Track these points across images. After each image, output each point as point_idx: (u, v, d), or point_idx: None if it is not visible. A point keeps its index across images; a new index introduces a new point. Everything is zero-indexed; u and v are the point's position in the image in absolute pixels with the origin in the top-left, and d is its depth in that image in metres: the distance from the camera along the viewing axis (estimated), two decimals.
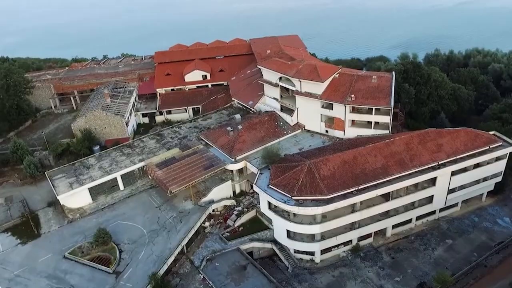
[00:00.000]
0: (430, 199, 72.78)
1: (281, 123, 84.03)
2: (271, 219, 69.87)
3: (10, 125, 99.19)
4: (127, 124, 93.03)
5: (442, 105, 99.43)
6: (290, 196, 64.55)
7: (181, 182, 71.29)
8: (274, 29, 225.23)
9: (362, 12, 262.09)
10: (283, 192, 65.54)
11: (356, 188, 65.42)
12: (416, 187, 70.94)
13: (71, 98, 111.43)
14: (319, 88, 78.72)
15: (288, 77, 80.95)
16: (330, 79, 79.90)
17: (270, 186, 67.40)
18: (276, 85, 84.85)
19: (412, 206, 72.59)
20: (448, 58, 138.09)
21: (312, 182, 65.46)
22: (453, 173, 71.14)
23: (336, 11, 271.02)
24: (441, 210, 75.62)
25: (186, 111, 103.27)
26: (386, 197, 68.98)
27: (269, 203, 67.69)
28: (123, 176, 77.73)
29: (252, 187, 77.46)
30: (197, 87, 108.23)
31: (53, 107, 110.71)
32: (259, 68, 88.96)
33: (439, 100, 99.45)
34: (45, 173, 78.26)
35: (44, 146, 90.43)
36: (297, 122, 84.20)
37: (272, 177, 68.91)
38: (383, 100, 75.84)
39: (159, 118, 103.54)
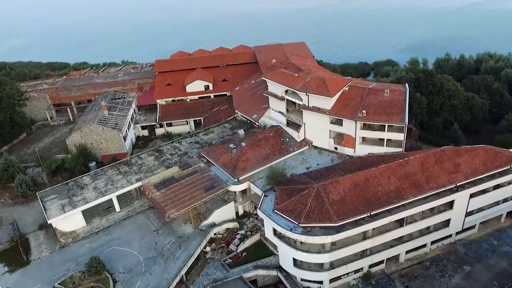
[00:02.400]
0: (446, 223, 67.70)
1: (287, 139, 79.19)
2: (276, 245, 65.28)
3: (3, 139, 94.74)
4: (125, 138, 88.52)
5: (455, 115, 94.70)
6: (297, 223, 59.71)
7: (180, 205, 66.58)
8: (279, 32, 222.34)
9: (369, 14, 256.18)
10: (289, 218, 60.66)
11: (368, 214, 60.45)
12: (432, 210, 65.88)
13: (68, 109, 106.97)
14: (327, 102, 73.83)
15: (295, 91, 76.16)
16: (340, 93, 75.07)
17: (275, 211, 62.58)
18: (282, 99, 79.99)
19: (427, 230, 67.59)
20: (459, 63, 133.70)
21: (321, 208, 60.61)
22: (472, 195, 66.11)
23: (342, 13, 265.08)
24: (457, 233, 70.46)
25: (187, 123, 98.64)
26: (400, 222, 63.96)
27: (274, 229, 63.02)
28: (119, 197, 73.17)
29: (256, 208, 72.98)
30: (199, 98, 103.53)
31: (49, 119, 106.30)
32: (264, 80, 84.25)
33: (452, 110, 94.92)
34: (37, 193, 73.74)
35: (37, 162, 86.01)
36: (304, 138, 79.37)
37: (277, 201, 64.06)
38: (396, 116, 70.83)
39: (159, 131, 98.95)
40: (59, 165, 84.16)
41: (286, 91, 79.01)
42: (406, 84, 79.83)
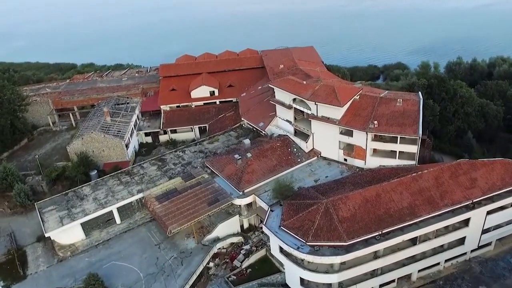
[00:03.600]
0: (461, 241, 64.30)
1: (295, 149, 76.11)
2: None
3: (3, 146, 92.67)
4: (127, 146, 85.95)
5: (468, 123, 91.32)
6: (304, 241, 56.72)
7: (182, 220, 63.77)
8: (286, 33, 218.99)
9: (378, 15, 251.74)
10: (296, 236, 57.69)
11: (380, 232, 57.23)
12: (447, 228, 62.43)
13: (70, 114, 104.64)
14: (337, 112, 70.64)
15: (303, 99, 73.11)
16: (350, 102, 71.88)
17: (281, 227, 59.68)
18: (289, 107, 76.95)
19: (441, 248, 64.25)
20: (471, 67, 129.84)
21: (330, 225, 57.54)
22: (489, 212, 62.67)
23: (350, 14, 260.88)
24: (472, 250, 67.05)
25: (192, 130, 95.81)
26: (413, 240, 60.63)
27: (281, 247, 60.02)
28: (119, 209, 70.49)
29: (262, 222, 70.13)
30: (204, 104, 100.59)
31: (51, 124, 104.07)
32: (271, 87, 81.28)
33: (465, 118, 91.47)
34: (35, 204, 71.33)
35: (37, 170, 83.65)
36: (313, 149, 76.25)
37: (284, 216, 61.07)
38: (409, 128, 67.49)
39: (163, 138, 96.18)
40: (60, 173, 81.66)
41: (294, 99, 75.99)
42: (420, 93, 76.44)
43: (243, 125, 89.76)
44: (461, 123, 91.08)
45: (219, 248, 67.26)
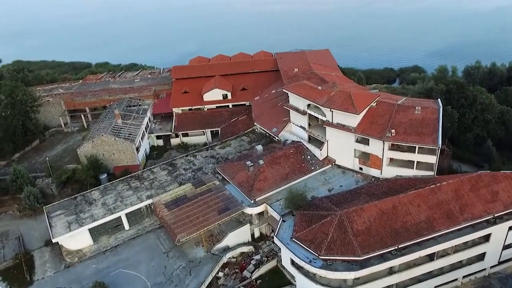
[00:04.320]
0: (481, 256, 61.50)
1: (308, 157, 73.95)
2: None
3: (15, 147, 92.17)
4: (138, 149, 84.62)
5: (488, 131, 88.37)
6: (317, 255, 54.66)
7: (191, 229, 62.15)
8: (301, 34, 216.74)
9: (394, 17, 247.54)
10: (308, 249, 55.67)
11: (396, 247, 54.95)
12: (466, 243, 59.78)
13: (82, 116, 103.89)
14: (353, 120, 68.33)
15: (318, 106, 70.94)
16: (367, 109, 69.48)
17: (293, 239, 57.72)
18: (303, 113, 74.85)
19: (459, 263, 61.62)
20: (490, 71, 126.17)
21: (344, 239, 55.39)
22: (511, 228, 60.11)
23: (366, 15, 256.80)
24: (492, 266, 64.04)
25: (204, 134, 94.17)
26: (430, 255, 58.12)
27: (292, 259, 58.07)
28: (128, 215, 69.14)
29: (273, 230, 68.30)
30: (216, 107, 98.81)
31: (63, 125, 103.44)
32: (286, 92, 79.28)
33: (485, 125, 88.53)
34: (44, 208, 70.32)
35: (47, 172, 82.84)
36: (327, 156, 74.01)
37: (296, 228, 59.08)
38: (428, 137, 64.88)
39: (174, 141, 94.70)
40: (70, 176, 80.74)
41: (309, 105, 73.91)
42: (439, 101, 73.74)
43: (256, 130, 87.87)
44: (480, 130, 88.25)
45: (229, 258, 65.59)
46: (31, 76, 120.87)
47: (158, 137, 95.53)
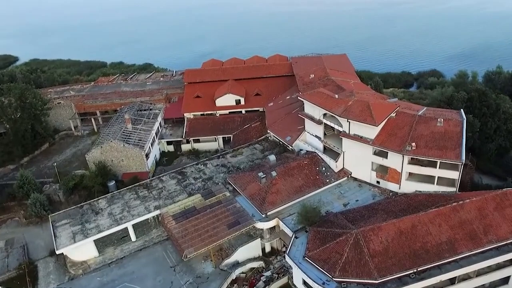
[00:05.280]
0: (506, 280, 57.65)
1: (323, 168, 70.77)
2: None
3: (24, 150, 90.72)
4: (147, 155, 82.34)
5: (511, 141, 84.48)
6: (330, 276, 51.61)
7: (200, 244, 59.45)
8: (318, 36, 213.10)
9: (412, 18, 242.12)
10: (322, 269, 52.64)
11: (415, 270, 51.58)
12: (490, 266, 56.20)
13: (92, 119, 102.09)
14: (372, 131, 64.93)
15: (335, 116, 67.73)
16: (386, 120, 66.12)
17: (306, 258, 54.76)
18: (319, 122, 71.65)
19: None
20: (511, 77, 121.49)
21: (360, 260, 52.22)
22: None
23: (384, 17, 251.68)
24: None
25: (216, 140, 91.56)
26: (451, 279, 54.73)
27: (304, 280, 55.11)
28: (135, 226, 66.77)
29: (285, 245, 65.46)
30: (229, 112, 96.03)
31: (73, 129, 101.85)
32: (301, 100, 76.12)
33: (508, 135, 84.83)
34: (49, 217, 68.41)
35: (55, 178, 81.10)
36: (343, 168, 70.78)
37: (309, 246, 56.06)
38: (451, 151, 61.20)
39: (185, 147, 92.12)
40: (77, 182, 78.85)
41: (325, 114, 70.71)
42: (462, 112, 69.98)
43: (269, 138, 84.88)
44: (502, 140, 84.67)
45: (238, 274, 62.79)
46: (43, 77, 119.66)
47: (168, 143, 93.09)
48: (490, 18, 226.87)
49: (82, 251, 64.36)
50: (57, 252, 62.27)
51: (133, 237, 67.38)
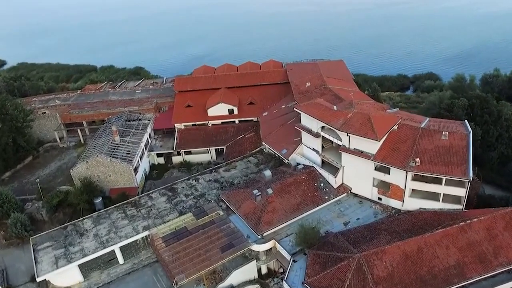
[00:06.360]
0: None
1: (322, 184, 67.08)
2: None
3: (6, 165, 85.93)
4: (136, 170, 78.14)
5: None
6: None
7: (191, 269, 55.28)
8: (312, 39, 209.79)
9: (407, 19, 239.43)
10: None
11: None
12: None
13: (79, 130, 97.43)
14: (373, 146, 61.24)
15: (333, 129, 64.08)
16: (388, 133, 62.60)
17: (305, 284, 51.06)
18: (317, 135, 67.92)
19: None
20: (510, 80, 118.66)
21: (363, 287, 48.75)
22: None
23: (379, 18, 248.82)
24: None
25: (208, 152, 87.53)
26: None
27: None
28: (123, 248, 62.56)
29: (282, 267, 61.76)
30: (222, 123, 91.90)
31: (58, 140, 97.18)
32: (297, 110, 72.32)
33: (510, 143, 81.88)
34: (30, 239, 63.96)
35: (38, 195, 76.65)
36: (342, 183, 67.19)
37: (308, 271, 52.28)
38: (457, 168, 57.71)
39: (176, 159, 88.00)
40: (62, 199, 74.57)
41: (323, 127, 67.06)
42: (467, 123, 66.66)
43: (264, 150, 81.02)
44: (505, 149, 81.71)
45: None
46: (27, 85, 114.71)
47: (158, 155, 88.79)
48: (484, 18, 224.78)
49: (65, 276, 59.95)
50: (38, 280, 57.89)
51: (120, 259, 63.18)
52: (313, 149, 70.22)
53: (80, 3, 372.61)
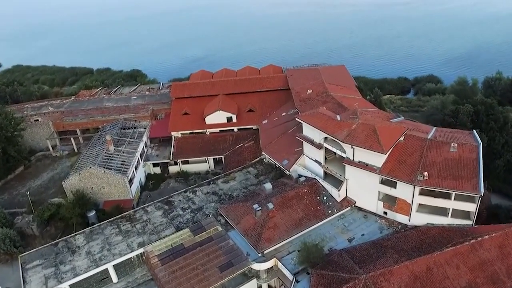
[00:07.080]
0: None
1: (325, 198, 64.24)
2: None
3: None
4: (131, 181, 75.25)
5: None
6: None
7: None
8: (311, 41, 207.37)
9: (408, 21, 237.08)
10: None
11: None
12: None
13: (72, 139, 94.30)
14: (379, 159, 58.40)
15: (337, 141, 61.25)
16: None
17: None
18: (319, 147, 65.08)
19: None
20: None
21: None
22: None
23: (379, 19, 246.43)
24: None
25: (206, 161, 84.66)
26: None
27: None
28: (116, 266, 59.50)
29: (283, 284, 58.89)
30: (220, 131, 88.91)
31: (51, 149, 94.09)
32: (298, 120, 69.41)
33: None
34: (19, 257, 60.82)
35: (28, 208, 73.67)
36: (346, 197, 64.39)
37: None
38: (467, 182, 54.94)
39: (173, 168, 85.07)
40: (54, 213, 71.58)
41: (326, 137, 64.22)
42: (476, 134, 63.85)
43: (264, 160, 78.09)
44: (511, 156, 79.68)
45: None
46: (20, 91, 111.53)
47: (155, 165, 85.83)
48: (485, 20, 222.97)
49: None
50: None
51: (114, 278, 59.99)
52: (316, 161, 67.33)
53: (79, 3, 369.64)
